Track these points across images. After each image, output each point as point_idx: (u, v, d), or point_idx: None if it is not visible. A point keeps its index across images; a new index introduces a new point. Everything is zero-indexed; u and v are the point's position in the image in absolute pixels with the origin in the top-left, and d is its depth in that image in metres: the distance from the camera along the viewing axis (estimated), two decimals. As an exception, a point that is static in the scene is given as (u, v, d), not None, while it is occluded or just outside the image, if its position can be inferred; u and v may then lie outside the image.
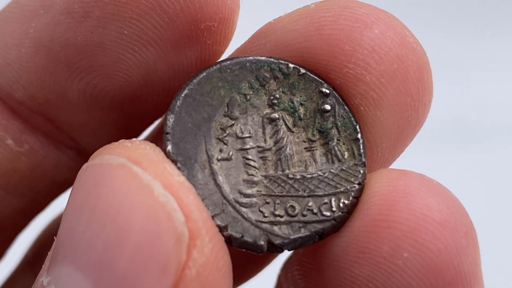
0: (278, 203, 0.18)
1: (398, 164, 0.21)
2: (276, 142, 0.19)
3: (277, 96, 0.19)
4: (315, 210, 0.19)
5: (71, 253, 0.16)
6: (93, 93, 0.21)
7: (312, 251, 0.20)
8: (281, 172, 0.19)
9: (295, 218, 0.18)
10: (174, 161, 0.18)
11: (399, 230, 0.17)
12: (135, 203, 0.16)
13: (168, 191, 0.16)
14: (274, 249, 0.18)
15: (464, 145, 0.58)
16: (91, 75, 0.20)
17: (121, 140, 0.18)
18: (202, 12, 0.19)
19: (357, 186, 0.19)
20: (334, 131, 0.19)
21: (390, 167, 0.21)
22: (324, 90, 0.19)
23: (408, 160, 0.22)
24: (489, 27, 0.66)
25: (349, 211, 0.19)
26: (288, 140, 0.19)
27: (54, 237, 0.18)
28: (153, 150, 0.17)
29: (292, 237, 0.18)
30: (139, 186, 0.16)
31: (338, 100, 0.19)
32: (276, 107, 0.19)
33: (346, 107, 0.19)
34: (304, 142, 0.19)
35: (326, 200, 0.19)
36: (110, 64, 0.20)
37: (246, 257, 0.24)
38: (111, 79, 0.20)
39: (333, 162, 0.19)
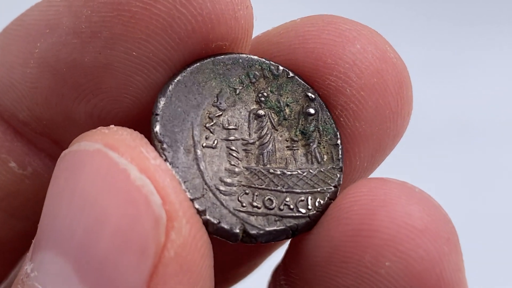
0: (256, 195, 0.19)
1: (397, 165, 0.21)
2: (260, 137, 0.19)
3: (265, 94, 0.20)
4: (291, 206, 0.19)
5: (52, 239, 0.16)
6: (100, 115, 0.20)
7: (296, 261, 0.19)
8: (262, 166, 0.19)
9: (272, 211, 0.19)
10: (160, 142, 0.18)
11: (380, 239, 0.17)
12: (112, 188, 0.16)
13: (145, 175, 0.16)
14: (248, 239, 0.18)
15: (462, 145, 0.58)
16: (98, 97, 0.19)
17: (99, 127, 0.18)
18: (214, 32, 0.19)
19: (333, 188, 0.19)
20: (316, 134, 0.20)
21: (372, 175, 0.21)
22: (310, 94, 0.20)
23: (407, 161, 0.23)
24: (489, 27, 0.66)
25: (323, 210, 0.19)
26: (271, 137, 0.19)
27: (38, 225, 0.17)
28: (130, 136, 0.17)
29: (267, 229, 0.18)
30: (116, 171, 0.16)
31: (322, 106, 0.20)
32: (263, 105, 0.20)
33: (328, 113, 0.20)
34: (287, 141, 0.20)
35: (302, 198, 0.19)
36: (118, 86, 0.19)
37: (237, 257, 0.24)
38: (119, 102, 0.19)
39: (312, 163, 0.19)
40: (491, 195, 0.54)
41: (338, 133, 0.20)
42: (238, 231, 0.18)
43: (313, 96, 0.20)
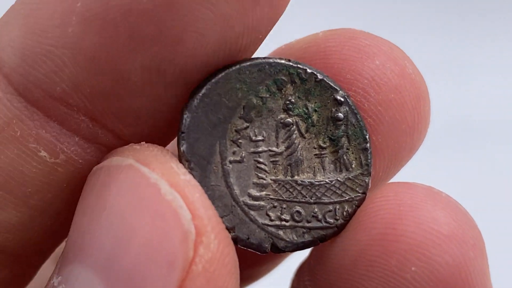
0: (284, 208, 0.19)
1: (410, 168, 0.22)
2: (288, 147, 0.19)
3: (293, 101, 0.19)
4: (319, 217, 0.19)
5: (81, 252, 0.17)
6: (160, 68, 0.17)
7: (322, 263, 0.19)
8: (290, 178, 0.19)
9: (300, 224, 0.19)
10: (188, 161, 0.18)
11: (407, 244, 0.17)
12: (143, 201, 0.16)
13: (175, 189, 0.16)
14: (276, 251, 0.19)
15: (466, 145, 0.58)
16: (159, 44, 0.17)
17: (130, 144, 0.18)
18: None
19: (361, 195, 0.19)
20: (344, 139, 0.19)
21: (396, 180, 0.21)
22: (338, 98, 0.19)
23: (410, 161, 0.23)
24: (490, 28, 0.66)
25: (351, 219, 0.19)
26: (300, 146, 0.19)
27: (65, 241, 0.17)
28: (160, 152, 0.17)
29: (295, 241, 0.19)
30: (146, 185, 0.16)
31: (352, 108, 0.20)
32: (290, 112, 0.19)
33: (358, 116, 0.20)
34: (315, 148, 0.19)
35: (331, 208, 0.19)
36: (182, 24, 0.17)
37: (254, 259, 0.24)
38: (183, 45, 0.17)
39: (340, 170, 0.19)
40: (495, 196, 0.54)
41: (367, 136, 0.19)
42: (267, 245, 0.18)
43: (342, 99, 0.19)
